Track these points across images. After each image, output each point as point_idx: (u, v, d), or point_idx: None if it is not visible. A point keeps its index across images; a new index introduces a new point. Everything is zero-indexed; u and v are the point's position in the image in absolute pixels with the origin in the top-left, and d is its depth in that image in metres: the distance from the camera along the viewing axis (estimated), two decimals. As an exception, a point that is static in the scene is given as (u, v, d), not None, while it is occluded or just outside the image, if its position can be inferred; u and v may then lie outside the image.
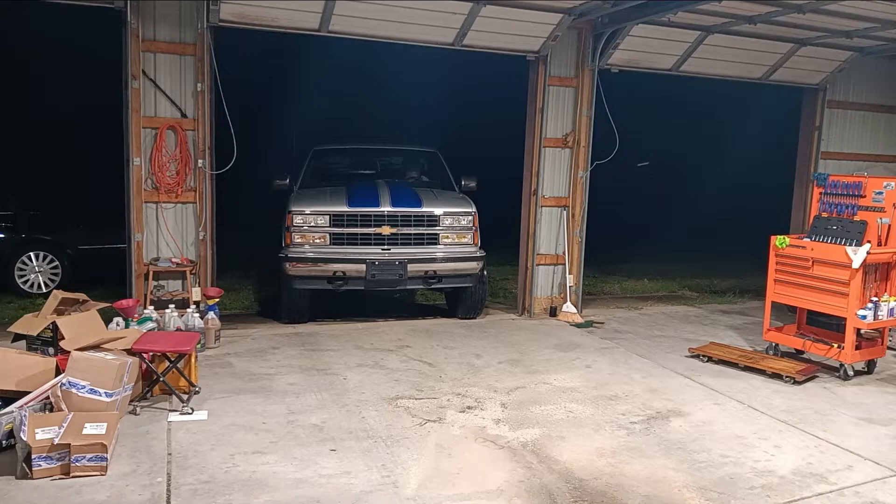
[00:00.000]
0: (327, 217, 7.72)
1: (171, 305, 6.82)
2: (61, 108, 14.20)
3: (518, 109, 9.13)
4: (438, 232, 7.98)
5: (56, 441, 4.11)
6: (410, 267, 7.71)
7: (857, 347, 6.60)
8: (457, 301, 8.60)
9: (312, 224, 7.70)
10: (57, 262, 9.28)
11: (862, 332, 6.66)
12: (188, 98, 7.43)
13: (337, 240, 7.72)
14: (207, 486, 4.07)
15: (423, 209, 7.97)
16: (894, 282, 6.77)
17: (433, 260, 7.85)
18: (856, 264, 6.30)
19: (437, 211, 8.03)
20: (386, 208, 7.83)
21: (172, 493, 3.98)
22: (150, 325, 6.43)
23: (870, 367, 6.81)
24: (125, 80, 7.21)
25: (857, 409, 5.79)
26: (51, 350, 5.58)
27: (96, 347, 5.13)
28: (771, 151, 14.45)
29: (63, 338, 5.41)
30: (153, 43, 7.24)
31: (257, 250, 11.95)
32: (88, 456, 4.13)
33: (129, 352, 5.16)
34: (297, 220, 7.69)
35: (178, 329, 6.58)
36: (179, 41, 7.33)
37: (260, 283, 10.09)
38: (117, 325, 6.30)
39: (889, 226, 6.52)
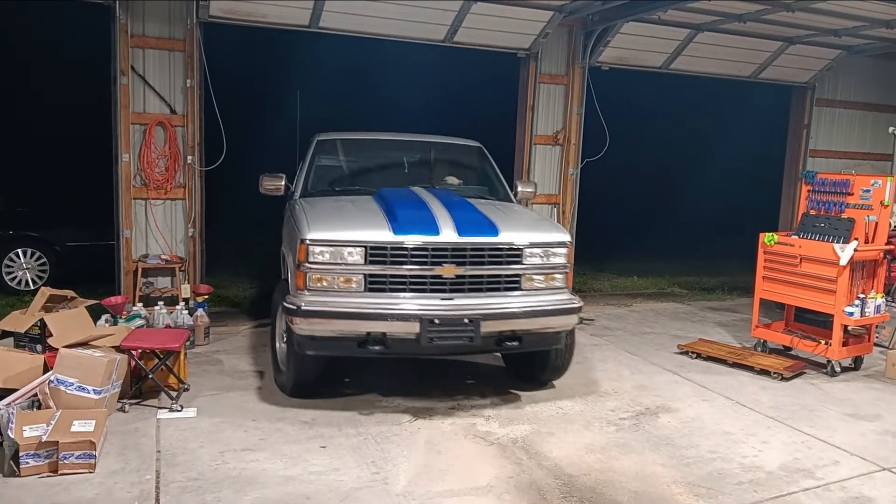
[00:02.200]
0: (362, 250, 4.97)
1: (160, 302, 6.79)
2: (49, 103, 14.11)
3: (509, 107, 9.15)
4: (521, 273, 5.26)
5: (44, 438, 4.08)
6: (485, 326, 5.02)
7: (845, 344, 6.65)
8: (532, 360, 6.01)
9: (340, 261, 4.98)
10: (45, 259, 9.21)
11: (849, 328, 6.71)
12: (177, 94, 7.40)
13: (376, 284, 5.01)
14: (196, 484, 4.06)
15: (502, 239, 5.19)
16: (881, 279, 6.83)
17: (515, 315, 5.16)
18: (843, 261, 6.35)
19: (520, 240, 5.26)
20: (450, 237, 5.05)
21: (161, 491, 3.96)
22: (139, 322, 6.40)
23: (857, 364, 6.86)
24: (114, 76, 7.18)
25: (844, 405, 5.83)
26: (39, 347, 5.55)
27: (84, 345, 5.10)
28: (760, 149, 14.54)
29: (51, 335, 5.38)
30: (142, 38, 7.21)
31: (248, 247, 11.97)
32: (77, 453, 4.11)
33: (118, 349, 5.14)
34: (318, 253, 4.97)
35: (168, 326, 6.55)
36: (169, 37, 7.30)
37: (250, 281, 10.05)
38: (106, 322, 6.26)
39: (876, 223, 6.57)
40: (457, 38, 8.24)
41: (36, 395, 4.65)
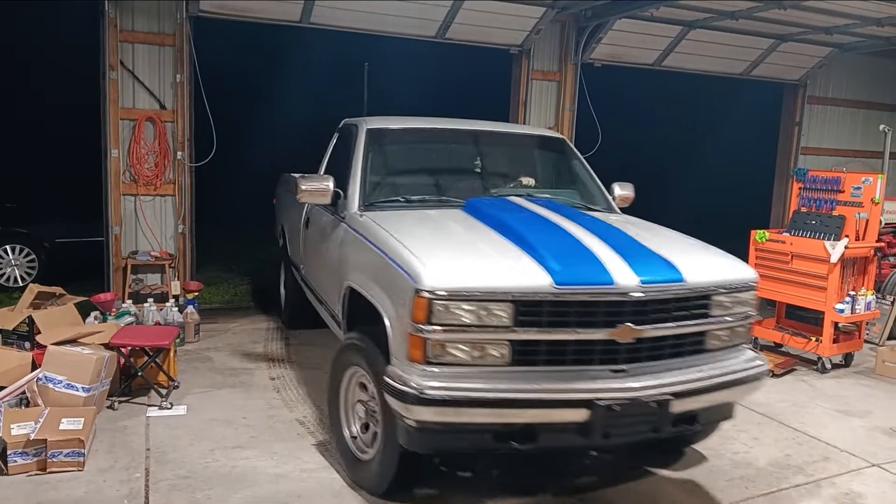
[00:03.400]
0: (510, 307, 3.41)
1: (150, 299, 6.74)
2: (37, 100, 14.00)
3: (501, 103, 9.13)
4: (706, 329, 3.81)
5: (32, 436, 4.05)
6: (673, 407, 3.59)
7: (835, 341, 6.68)
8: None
9: (478, 322, 3.41)
10: (34, 256, 9.13)
11: (839, 325, 6.74)
12: (167, 89, 7.35)
13: (526, 355, 3.48)
14: (186, 482, 4.03)
15: (689, 282, 3.69)
16: (871, 276, 6.86)
17: (709, 389, 3.76)
18: (834, 259, 6.37)
19: (704, 281, 3.79)
20: (628, 285, 3.52)
21: (151, 489, 3.94)
22: (129, 319, 6.35)
23: (847, 361, 6.89)
24: (103, 71, 7.12)
25: (834, 401, 5.86)
26: (27, 344, 5.50)
27: (73, 342, 5.06)
28: (751, 146, 14.58)
29: (39, 332, 5.34)
30: (131, 33, 7.15)
31: (239, 244, 11.92)
32: (65, 451, 4.07)
33: (107, 346, 5.10)
34: (449, 311, 3.39)
35: (157, 323, 6.51)
36: (158, 32, 7.25)
37: (240, 277, 10.00)
38: (95, 319, 6.21)
39: (867, 221, 6.59)
40: (449, 33, 8.22)
41: (24, 392, 4.62)
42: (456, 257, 3.70)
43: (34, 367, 4.84)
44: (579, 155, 5.72)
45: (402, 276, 3.56)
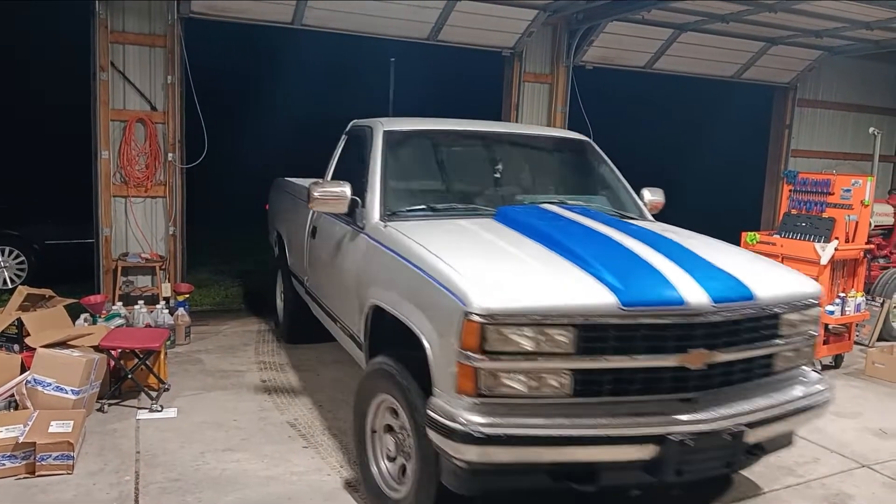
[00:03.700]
0: (572, 331, 3.03)
1: (141, 301, 6.71)
2: (28, 101, 13.93)
3: (493, 105, 9.14)
4: (776, 350, 3.50)
5: (21, 439, 4.02)
6: (749, 438, 3.30)
7: (825, 342, 6.70)
8: None
9: (537, 349, 3.01)
10: (23, 258, 9.07)
11: (829, 327, 6.77)
12: (158, 91, 7.32)
13: (589, 385, 3.11)
14: (177, 485, 4.01)
15: (760, 299, 3.35)
16: (861, 278, 6.90)
17: (781, 417, 3.46)
18: (824, 261, 6.40)
19: (773, 298, 3.44)
20: (700, 304, 3.15)
21: (141, 492, 3.91)
22: (119, 321, 6.32)
23: (837, 362, 6.92)
24: (93, 72, 7.08)
25: (825, 402, 5.88)
26: (16, 347, 5.46)
27: (63, 344, 5.04)
28: (742, 149, 14.64)
29: (28, 334, 5.30)
30: (122, 34, 7.12)
31: (230, 246, 11.88)
32: (54, 454, 4.05)
33: (97, 349, 5.07)
34: (505, 336, 3.00)
35: (148, 325, 6.48)
36: (149, 33, 7.22)
37: (231, 279, 9.97)
38: (85, 321, 6.18)
39: (856, 223, 6.64)
40: (441, 36, 8.22)
41: (13, 395, 4.59)
42: (506, 274, 3.27)
43: (23, 369, 4.80)
44: (606, 158, 5.27)
45: (445, 297, 3.14)
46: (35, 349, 4.81)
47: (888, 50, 9.63)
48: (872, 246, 7.79)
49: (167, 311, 6.77)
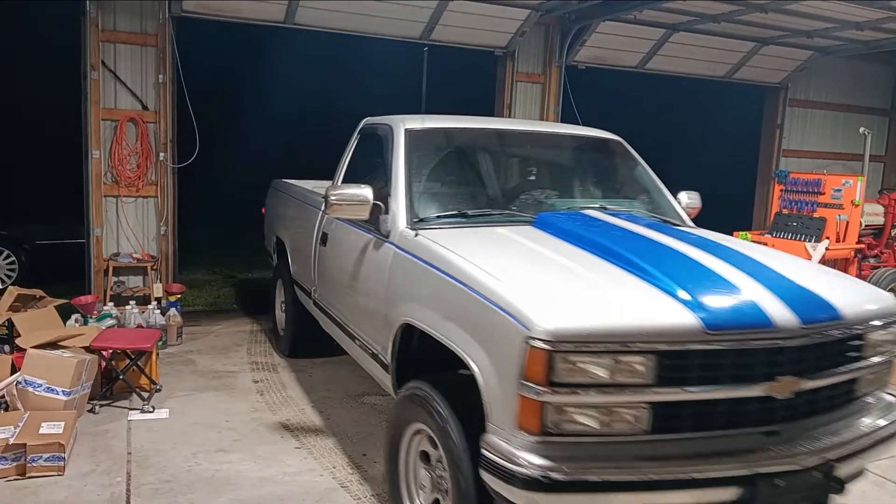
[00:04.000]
0: (652, 359, 2.59)
1: (132, 302, 6.67)
2: (17, 100, 13.84)
3: (486, 104, 9.14)
4: (861, 374, 3.11)
5: (11, 441, 4.00)
6: (838, 473, 2.95)
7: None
8: None
9: (610, 380, 2.57)
10: (14, 258, 9.02)
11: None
12: (149, 90, 7.28)
13: (666, 420, 2.67)
14: (169, 486, 4.00)
15: (847, 319, 2.96)
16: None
17: (869, 447, 3.09)
18: (815, 260, 6.43)
19: (859, 316, 3.05)
20: (789, 326, 2.75)
21: (132, 493, 3.90)
22: (110, 321, 6.28)
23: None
24: (84, 71, 7.05)
25: (816, 401, 5.90)
26: (6, 348, 5.43)
27: (54, 345, 5.01)
28: (734, 149, 14.71)
29: (19, 335, 5.27)
30: (113, 33, 7.08)
31: (222, 246, 11.84)
32: (45, 456, 4.03)
33: (88, 349, 5.05)
34: (574, 365, 2.55)
35: (139, 326, 6.44)
36: (141, 31, 7.18)
37: (223, 280, 9.94)
38: (76, 321, 6.14)
39: (847, 223, 6.67)
40: (433, 35, 8.22)
41: (3, 396, 4.56)
42: (566, 290, 2.85)
43: (14, 370, 4.77)
44: (641, 159, 4.87)
45: (500, 318, 2.72)
46: (26, 350, 4.78)
47: (878, 50, 9.70)
48: (863, 245, 7.83)
49: (159, 311, 6.74)
